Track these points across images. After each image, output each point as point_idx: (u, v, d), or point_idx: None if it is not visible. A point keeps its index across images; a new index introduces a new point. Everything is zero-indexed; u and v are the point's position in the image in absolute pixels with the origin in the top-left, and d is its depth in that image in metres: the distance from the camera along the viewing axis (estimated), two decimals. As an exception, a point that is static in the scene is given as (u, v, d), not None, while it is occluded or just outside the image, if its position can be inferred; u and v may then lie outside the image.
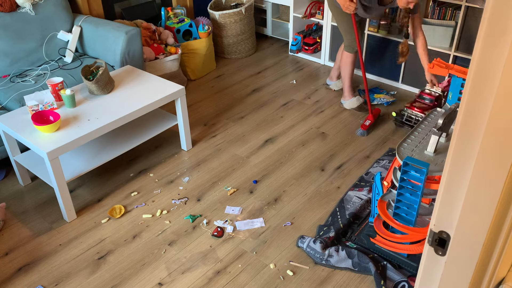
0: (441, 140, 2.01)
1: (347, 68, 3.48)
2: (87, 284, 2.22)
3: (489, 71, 0.75)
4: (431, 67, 2.92)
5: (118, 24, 3.33)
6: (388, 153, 3.08)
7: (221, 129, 3.40)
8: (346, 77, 3.52)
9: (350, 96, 3.58)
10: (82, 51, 3.49)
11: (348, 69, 3.48)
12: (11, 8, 3.13)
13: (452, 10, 3.56)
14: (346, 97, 3.60)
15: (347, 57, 3.44)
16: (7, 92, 2.92)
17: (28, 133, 2.49)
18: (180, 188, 2.82)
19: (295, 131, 3.35)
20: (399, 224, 2.02)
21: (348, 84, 3.54)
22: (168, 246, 2.42)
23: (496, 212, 0.86)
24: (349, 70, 3.48)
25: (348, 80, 3.52)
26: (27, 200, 2.76)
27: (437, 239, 0.97)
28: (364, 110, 3.57)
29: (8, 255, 2.39)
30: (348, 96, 3.59)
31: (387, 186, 2.24)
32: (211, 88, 3.99)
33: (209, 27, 4.10)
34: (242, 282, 2.22)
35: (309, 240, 2.36)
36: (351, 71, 3.50)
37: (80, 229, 2.54)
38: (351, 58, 3.44)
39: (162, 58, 3.68)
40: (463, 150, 0.84)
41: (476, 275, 0.97)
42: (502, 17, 0.70)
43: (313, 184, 2.84)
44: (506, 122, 0.77)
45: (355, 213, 2.55)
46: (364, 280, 2.21)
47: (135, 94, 2.85)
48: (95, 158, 2.73)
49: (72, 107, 2.71)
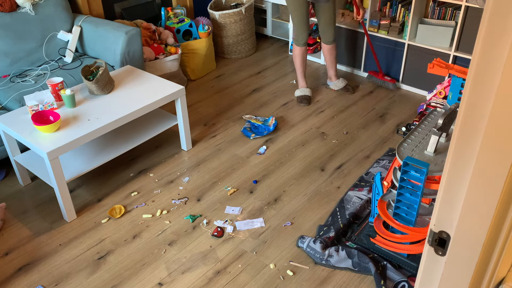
0: (441, 140, 2.01)
1: (295, 60, 3.68)
2: (87, 284, 2.22)
3: (489, 71, 0.75)
4: (431, 67, 2.92)
5: (118, 24, 3.33)
6: (388, 153, 3.08)
7: (221, 129, 3.40)
8: (296, 68, 3.73)
9: (301, 86, 3.76)
10: (82, 51, 3.49)
11: (296, 61, 3.67)
12: (11, 8, 3.13)
13: (452, 10, 3.56)
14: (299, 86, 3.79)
15: (294, 49, 3.63)
16: (7, 92, 2.92)
17: (28, 133, 2.49)
18: (180, 188, 2.82)
19: (295, 131, 3.35)
20: (399, 224, 2.02)
21: (298, 74, 3.74)
22: (168, 246, 2.42)
23: (496, 212, 0.86)
24: (296, 63, 3.67)
25: (298, 71, 3.72)
26: (27, 200, 2.76)
27: (437, 239, 0.97)
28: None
29: (8, 255, 2.39)
30: (300, 85, 3.77)
31: (387, 186, 2.24)
32: (211, 88, 3.99)
33: (209, 27, 4.10)
34: (242, 282, 2.22)
35: (309, 240, 2.36)
36: (298, 63, 3.66)
37: (80, 229, 2.54)
38: (296, 51, 3.61)
39: (162, 58, 3.68)
40: (463, 150, 0.84)
41: (476, 275, 0.97)
42: (502, 17, 0.70)
43: (313, 184, 2.84)
44: (506, 122, 0.77)
45: (355, 213, 2.55)
46: (364, 280, 2.21)
47: (135, 94, 2.85)
48: (95, 158, 2.73)
49: (72, 107, 2.71)
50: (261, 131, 3.33)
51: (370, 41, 3.79)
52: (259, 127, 3.37)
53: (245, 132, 3.32)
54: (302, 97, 3.69)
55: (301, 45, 3.57)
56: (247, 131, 3.32)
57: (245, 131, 3.33)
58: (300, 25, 3.47)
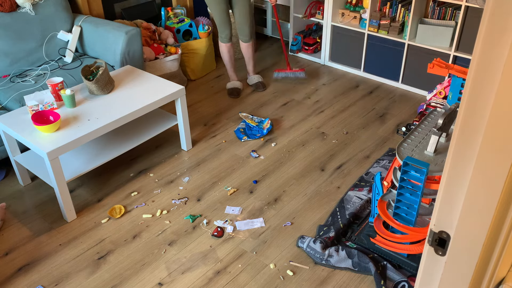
0: (441, 140, 2.01)
1: (222, 56, 3.78)
2: (87, 284, 2.22)
3: (489, 71, 0.75)
4: (431, 67, 2.91)
5: (118, 24, 3.33)
6: (388, 153, 3.08)
7: (221, 129, 3.40)
8: (225, 64, 3.85)
9: (232, 79, 3.89)
10: (82, 51, 3.49)
11: (223, 57, 3.78)
12: (11, 8, 3.13)
13: (452, 10, 3.56)
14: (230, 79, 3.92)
15: (220, 46, 3.72)
16: (7, 92, 2.92)
17: (28, 133, 2.49)
18: (180, 188, 2.82)
19: (295, 131, 3.35)
20: (399, 224, 2.02)
21: (228, 69, 3.86)
22: (168, 246, 2.42)
23: (496, 212, 0.86)
24: (224, 59, 3.78)
25: (227, 66, 3.84)
26: (27, 200, 2.76)
27: (437, 239, 0.97)
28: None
29: (8, 255, 2.39)
30: (231, 78, 3.90)
31: (387, 186, 2.24)
32: (211, 88, 3.99)
33: (209, 27, 4.10)
34: (242, 282, 2.22)
35: (309, 240, 2.36)
36: (226, 59, 3.76)
37: (80, 229, 2.54)
38: (222, 47, 3.71)
39: (162, 58, 3.68)
40: (463, 150, 0.84)
41: (476, 275, 0.97)
42: (502, 17, 0.70)
43: (313, 184, 2.84)
44: (506, 122, 0.77)
45: (355, 213, 2.55)
46: (364, 280, 2.21)
47: (135, 94, 2.85)
48: (95, 158, 2.73)
49: (72, 107, 2.71)
50: (254, 133, 3.31)
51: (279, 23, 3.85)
52: (253, 128, 3.35)
53: (237, 133, 3.30)
54: (232, 89, 3.80)
55: (226, 41, 3.64)
56: (240, 133, 3.30)
57: (238, 132, 3.31)
58: (221, 22, 3.54)
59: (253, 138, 3.25)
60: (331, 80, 4.08)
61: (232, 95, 3.78)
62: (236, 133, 3.29)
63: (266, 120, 3.41)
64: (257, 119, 3.46)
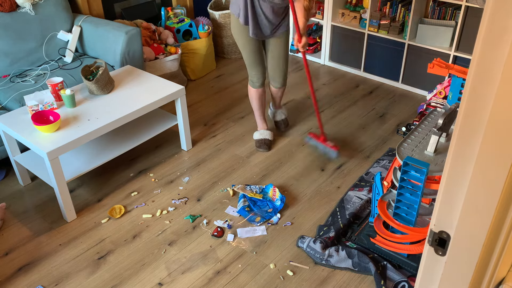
0: (441, 140, 2.01)
1: (251, 101, 3.13)
2: (87, 284, 2.22)
3: (489, 71, 0.75)
4: (431, 67, 2.91)
5: (118, 24, 3.33)
6: (388, 153, 3.08)
7: (221, 129, 3.40)
8: (253, 110, 3.19)
9: (260, 128, 3.22)
10: (82, 51, 3.48)
11: (252, 103, 3.13)
12: (11, 8, 3.13)
13: (452, 10, 3.56)
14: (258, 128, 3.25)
15: (249, 90, 3.08)
16: (7, 92, 2.92)
17: (28, 133, 2.49)
18: (180, 188, 2.82)
19: (295, 131, 3.35)
20: (399, 224, 2.02)
21: (256, 116, 3.20)
22: (168, 246, 2.42)
23: (496, 212, 0.86)
24: (253, 104, 3.13)
25: (256, 113, 3.18)
26: (27, 200, 2.76)
27: (437, 239, 0.97)
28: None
29: (8, 255, 2.39)
30: (259, 127, 3.24)
31: (387, 186, 2.24)
32: (211, 88, 3.99)
33: (209, 27, 4.10)
34: (242, 282, 2.22)
35: (309, 240, 2.36)
36: (256, 105, 3.11)
37: (80, 229, 2.54)
38: (251, 92, 3.05)
39: (162, 58, 3.68)
40: (463, 150, 0.84)
41: (476, 275, 0.97)
42: (502, 17, 0.70)
43: (313, 184, 2.83)
44: (506, 122, 0.77)
45: (355, 213, 2.55)
46: (364, 280, 2.21)
47: (135, 94, 2.85)
48: (95, 158, 2.73)
49: (72, 107, 2.71)
50: (263, 208, 2.60)
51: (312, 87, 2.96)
52: (258, 202, 2.64)
53: (243, 213, 2.58)
54: (261, 141, 3.13)
55: (257, 87, 3.00)
56: (246, 211, 2.58)
57: (242, 212, 2.58)
58: (252, 64, 2.90)
59: (268, 217, 2.55)
60: (331, 80, 4.08)
61: (261, 148, 3.12)
62: (241, 213, 2.58)
63: (270, 187, 2.73)
64: (257, 189, 2.75)
